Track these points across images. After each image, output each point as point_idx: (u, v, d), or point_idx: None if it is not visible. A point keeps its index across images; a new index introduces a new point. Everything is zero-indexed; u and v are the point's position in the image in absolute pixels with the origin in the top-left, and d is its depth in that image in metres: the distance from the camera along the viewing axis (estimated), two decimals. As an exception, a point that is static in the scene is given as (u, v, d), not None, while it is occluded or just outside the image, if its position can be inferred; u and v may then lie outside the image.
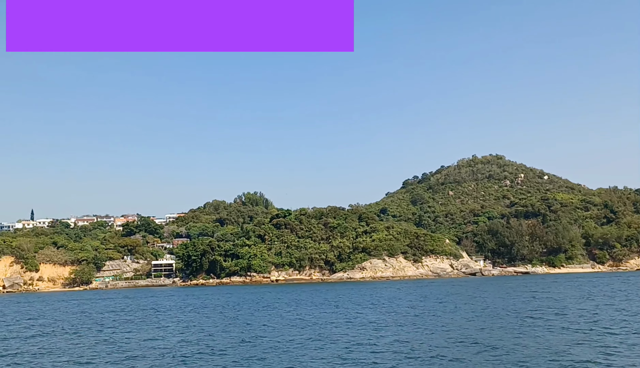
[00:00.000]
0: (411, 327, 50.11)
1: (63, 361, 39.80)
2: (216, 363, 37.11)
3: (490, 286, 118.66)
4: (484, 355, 35.48)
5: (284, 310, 75.07)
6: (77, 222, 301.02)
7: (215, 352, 41.18)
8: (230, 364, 36.51)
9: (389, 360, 35.12)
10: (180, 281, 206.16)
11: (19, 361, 40.70)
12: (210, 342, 46.31)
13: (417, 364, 33.50)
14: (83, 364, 38.62)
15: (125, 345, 46.86)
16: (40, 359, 41.20)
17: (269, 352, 39.87)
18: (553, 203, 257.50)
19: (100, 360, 39.66)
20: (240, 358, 38.23)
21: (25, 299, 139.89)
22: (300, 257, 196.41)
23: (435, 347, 38.84)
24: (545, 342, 39.42)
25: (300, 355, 38.33)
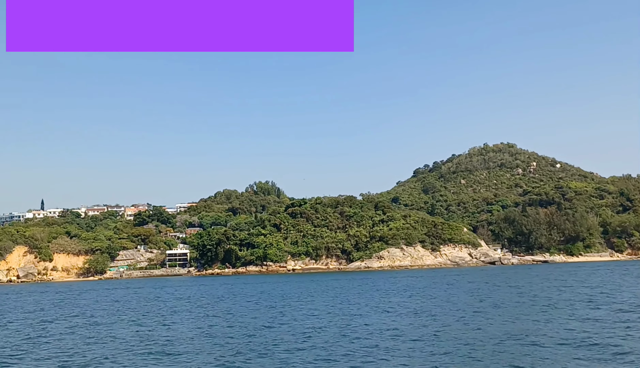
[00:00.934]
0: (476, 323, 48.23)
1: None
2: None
3: (517, 275, 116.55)
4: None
5: (344, 298, 73.15)
6: (87, 211, 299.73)
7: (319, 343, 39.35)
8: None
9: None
10: (196, 271, 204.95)
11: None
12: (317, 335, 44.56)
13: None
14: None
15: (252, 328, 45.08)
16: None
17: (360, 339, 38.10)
18: (567, 191, 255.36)
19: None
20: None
21: (48, 289, 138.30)
22: (316, 246, 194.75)
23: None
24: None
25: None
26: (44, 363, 34.80)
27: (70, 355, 36.93)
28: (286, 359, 32.54)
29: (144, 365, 32.74)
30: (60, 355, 37.13)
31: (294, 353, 34.18)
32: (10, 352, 39.71)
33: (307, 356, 33.29)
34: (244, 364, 32.07)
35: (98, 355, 36.54)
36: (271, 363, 31.55)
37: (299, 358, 32.86)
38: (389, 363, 30.66)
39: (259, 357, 33.61)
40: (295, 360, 32.34)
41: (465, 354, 32.05)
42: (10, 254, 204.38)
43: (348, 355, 33.09)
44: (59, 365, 33.91)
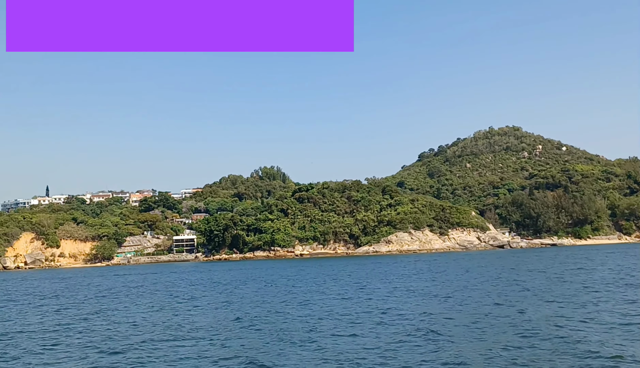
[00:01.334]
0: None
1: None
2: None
3: (531, 259, 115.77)
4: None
5: (368, 281, 72.68)
6: (92, 198, 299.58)
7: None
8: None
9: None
10: (203, 256, 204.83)
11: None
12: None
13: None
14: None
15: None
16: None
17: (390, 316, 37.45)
18: (574, 174, 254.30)
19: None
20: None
21: (57, 275, 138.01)
22: (324, 231, 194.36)
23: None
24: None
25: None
26: (90, 349, 34.23)
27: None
28: (342, 346, 31.69)
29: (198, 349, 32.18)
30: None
31: (344, 339, 33.40)
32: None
33: (365, 342, 32.57)
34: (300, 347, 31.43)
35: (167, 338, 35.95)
36: (324, 351, 30.83)
37: (360, 345, 32.12)
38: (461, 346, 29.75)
39: (306, 342, 32.95)
40: (357, 346, 31.56)
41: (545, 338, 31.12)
42: (18, 241, 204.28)
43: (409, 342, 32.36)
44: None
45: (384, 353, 29.10)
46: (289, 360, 28.74)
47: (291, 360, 28.71)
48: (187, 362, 29.25)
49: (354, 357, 28.36)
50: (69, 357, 32.18)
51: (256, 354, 30.17)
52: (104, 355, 32.06)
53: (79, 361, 30.83)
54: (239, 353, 30.62)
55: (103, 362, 30.27)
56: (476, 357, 27.04)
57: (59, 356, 32.49)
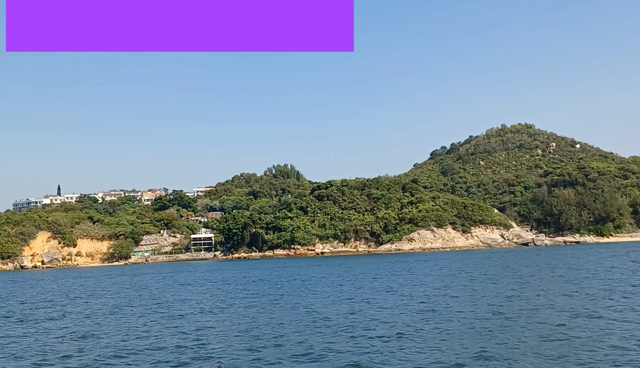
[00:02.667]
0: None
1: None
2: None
3: (566, 257, 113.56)
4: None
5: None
6: (104, 196, 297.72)
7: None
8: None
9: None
10: (222, 255, 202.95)
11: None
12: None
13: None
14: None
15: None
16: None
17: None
18: (590, 171, 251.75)
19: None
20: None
21: (86, 274, 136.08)
22: (345, 229, 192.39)
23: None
24: None
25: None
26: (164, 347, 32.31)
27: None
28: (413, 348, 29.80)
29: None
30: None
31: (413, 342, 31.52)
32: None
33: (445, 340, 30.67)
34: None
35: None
36: (391, 347, 29.01)
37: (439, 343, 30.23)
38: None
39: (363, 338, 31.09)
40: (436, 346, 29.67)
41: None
42: (34, 240, 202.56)
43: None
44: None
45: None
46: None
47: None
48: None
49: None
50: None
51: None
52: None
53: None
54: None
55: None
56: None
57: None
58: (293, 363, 27.68)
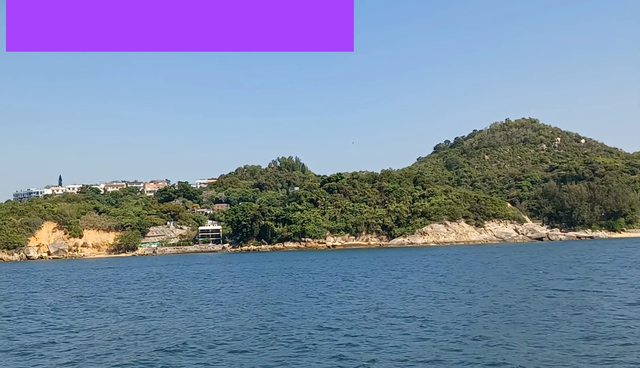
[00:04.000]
0: None
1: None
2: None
3: (590, 252, 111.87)
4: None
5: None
6: (106, 187, 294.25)
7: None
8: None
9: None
10: (230, 247, 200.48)
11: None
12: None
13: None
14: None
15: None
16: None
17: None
18: (597, 167, 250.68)
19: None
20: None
21: (100, 266, 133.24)
22: (356, 222, 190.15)
23: None
24: None
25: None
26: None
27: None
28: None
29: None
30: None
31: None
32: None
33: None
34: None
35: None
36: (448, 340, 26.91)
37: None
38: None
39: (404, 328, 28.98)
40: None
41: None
42: (40, 230, 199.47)
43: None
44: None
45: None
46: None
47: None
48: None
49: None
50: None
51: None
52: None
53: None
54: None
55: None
56: None
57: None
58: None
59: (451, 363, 24.75)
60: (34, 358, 29.05)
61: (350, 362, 25.56)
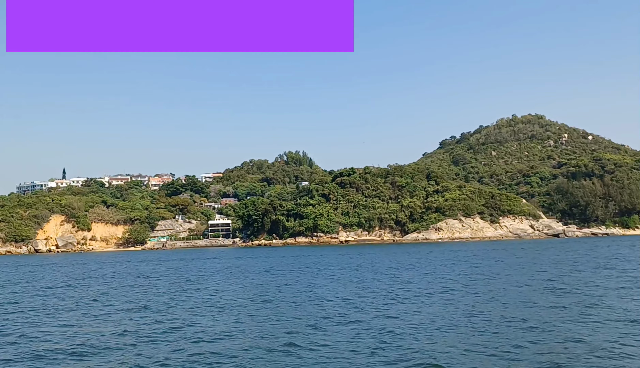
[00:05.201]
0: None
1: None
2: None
3: (621, 249, 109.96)
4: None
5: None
6: (111, 181, 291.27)
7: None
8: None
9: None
10: (241, 241, 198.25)
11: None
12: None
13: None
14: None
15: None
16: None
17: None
18: (606, 163, 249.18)
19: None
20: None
21: (115, 260, 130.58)
22: (369, 217, 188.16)
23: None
24: None
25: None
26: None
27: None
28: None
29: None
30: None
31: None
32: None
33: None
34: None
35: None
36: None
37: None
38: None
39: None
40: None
41: None
42: (48, 223, 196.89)
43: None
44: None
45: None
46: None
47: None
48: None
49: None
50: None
51: None
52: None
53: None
54: None
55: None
56: None
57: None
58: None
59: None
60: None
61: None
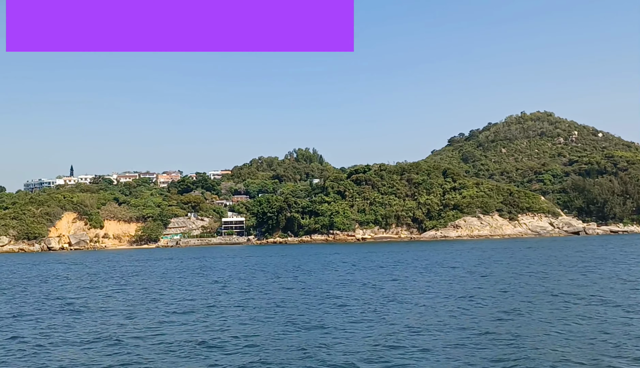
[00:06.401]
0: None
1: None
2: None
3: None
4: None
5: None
6: (119, 178, 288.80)
7: None
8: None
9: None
10: (255, 239, 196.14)
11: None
12: None
13: None
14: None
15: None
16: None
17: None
18: (619, 161, 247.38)
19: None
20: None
21: (137, 257, 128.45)
22: (386, 215, 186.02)
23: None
24: None
25: None
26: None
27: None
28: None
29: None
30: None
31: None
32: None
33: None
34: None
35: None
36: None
37: None
38: None
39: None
40: None
41: None
42: (60, 220, 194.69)
43: None
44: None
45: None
46: None
47: None
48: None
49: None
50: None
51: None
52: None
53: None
54: None
55: None
56: None
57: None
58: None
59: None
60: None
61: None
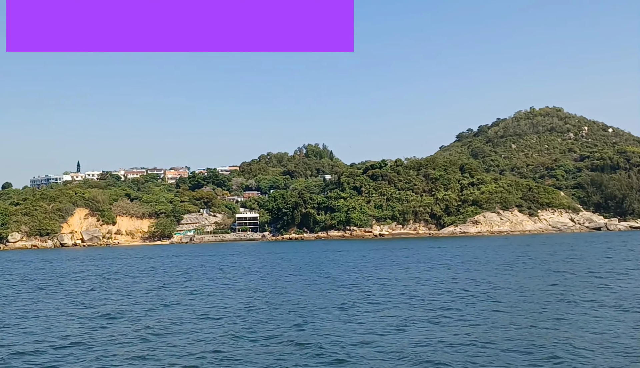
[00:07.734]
0: None
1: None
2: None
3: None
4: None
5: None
6: (126, 174, 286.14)
7: None
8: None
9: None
10: (271, 235, 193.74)
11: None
12: None
13: None
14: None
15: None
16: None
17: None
18: (631, 156, 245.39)
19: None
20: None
21: (159, 253, 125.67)
22: (403, 210, 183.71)
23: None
24: None
25: None
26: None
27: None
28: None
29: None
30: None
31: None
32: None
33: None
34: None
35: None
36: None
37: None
38: None
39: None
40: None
41: None
42: (72, 217, 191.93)
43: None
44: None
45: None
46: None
47: None
48: None
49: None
50: None
51: None
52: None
53: None
54: None
55: None
56: None
57: None
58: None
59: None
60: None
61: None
